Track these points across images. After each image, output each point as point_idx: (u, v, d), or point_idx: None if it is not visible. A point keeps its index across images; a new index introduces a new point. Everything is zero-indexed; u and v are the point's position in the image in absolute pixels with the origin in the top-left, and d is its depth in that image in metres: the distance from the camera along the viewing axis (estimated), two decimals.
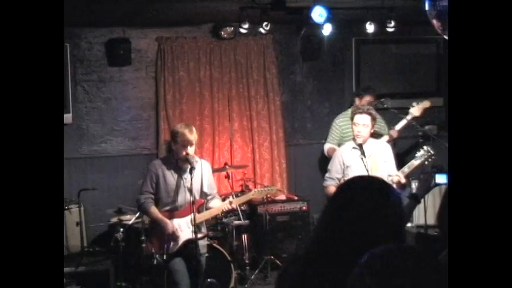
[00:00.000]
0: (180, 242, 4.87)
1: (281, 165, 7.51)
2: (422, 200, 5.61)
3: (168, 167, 4.92)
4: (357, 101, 6.58)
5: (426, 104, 6.14)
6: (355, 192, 1.96)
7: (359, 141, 5.12)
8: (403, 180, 4.98)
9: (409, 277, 1.59)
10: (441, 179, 3.42)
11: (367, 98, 6.50)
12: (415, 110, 6.09)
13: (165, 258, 4.84)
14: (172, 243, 4.88)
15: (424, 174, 3.62)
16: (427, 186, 3.47)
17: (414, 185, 6.66)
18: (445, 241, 2.06)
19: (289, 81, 7.72)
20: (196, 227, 4.82)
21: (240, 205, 6.03)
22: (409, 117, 6.11)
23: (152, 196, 4.93)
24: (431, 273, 1.57)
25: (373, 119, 5.13)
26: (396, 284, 1.64)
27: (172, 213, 4.91)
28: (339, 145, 6.36)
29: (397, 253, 1.62)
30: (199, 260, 4.93)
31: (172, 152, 5.03)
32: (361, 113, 5.13)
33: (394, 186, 5.05)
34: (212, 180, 5.14)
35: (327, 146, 6.59)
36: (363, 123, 5.08)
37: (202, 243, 5.03)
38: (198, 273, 4.94)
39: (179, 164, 4.89)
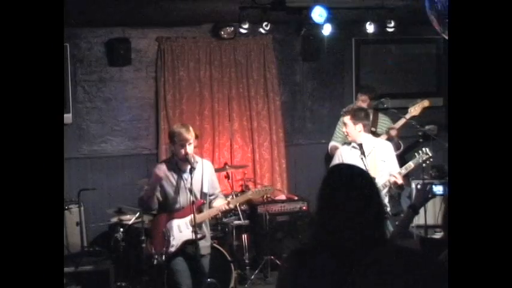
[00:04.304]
0: (180, 242, 4.86)
1: (281, 165, 7.50)
2: None
3: (169, 168, 4.90)
4: (357, 99, 6.65)
5: (425, 103, 6.23)
6: (339, 177, 2.19)
7: (349, 138, 5.27)
8: (399, 181, 5.02)
9: (407, 276, 1.63)
10: (439, 189, 3.42)
11: (362, 98, 6.55)
12: (414, 108, 6.18)
13: (164, 258, 4.82)
14: (171, 243, 4.85)
15: (422, 185, 3.63)
16: (426, 197, 3.48)
17: (414, 185, 6.67)
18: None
19: (289, 81, 7.72)
20: (198, 228, 4.81)
21: (240, 205, 6.03)
22: (407, 116, 6.19)
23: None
24: (429, 272, 1.61)
25: (353, 117, 5.21)
26: (395, 282, 1.68)
27: (173, 214, 4.89)
28: (343, 145, 6.40)
29: (398, 254, 1.66)
30: (199, 261, 4.90)
31: (172, 153, 5.02)
32: (343, 115, 5.42)
33: (392, 186, 5.08)
34: (215, 180, 5.10)
35: (330, 144, 6.61)
36: (345, 122, 5.28)
37: (205, 244, 4.99)
38: (200, 274, 4.91)
39: (179, 165, 4.88)
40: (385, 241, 2.12)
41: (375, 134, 6.07)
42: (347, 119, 5.23)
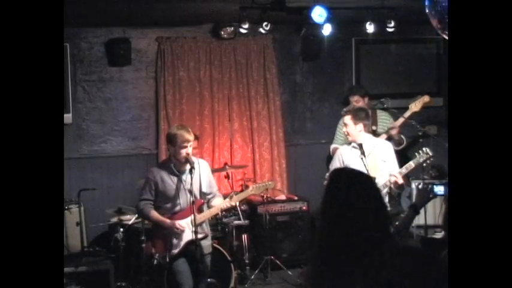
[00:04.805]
0: (182, 243, 4.86)
1: (281, 165, 7.50)
2: None
3: (167, 171, 4.87)
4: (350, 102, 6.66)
5: (426, 98, 6.25)
6: (340, 184, 2.24)
7: (350, 138, 5.27)
8: (400, 181, 5.02)
9: (411, 275, 1.66)
10: (440, 190, 3.43)
11: (355, 99, 6.53)
12: (415, 104, 6.21)
13: (168, 260, 4.81)
14: (174, 244, 4.85)
15: (423, 185, 3.64)
16: (426, 197, 3.48)
17: (414, 185, 6.68)
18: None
19: (289, 81, 7.72)
20: (199, 227, 4.81)
21: (239, 205, 6.02)
22: (408, 112, 6.21)
23: (151, 202, 4.91)
24: (431, 271, 1.62)
25: (354, 117, 5.21)
26: (400, 283, 1.71)
27: (174, 216, 4.88)
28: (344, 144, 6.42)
29: (401, 253, 1.68)
30: (204, 261, 4.91)
31: (169, 156, 4.99)
32: (343, 115, 5.43)
33: (392, 186, 5.08)
34: (211, 179, 5.11)
35: (332, 147, 6.62)
36: (345, 123, 5.30)
37: (207, 243, 5.00)
38: (203, 273, 4.91)
39: (177, 166, 4.86)
40: (390, 238, 2.13)
41: (375, 133, 6.06)
42: (348, 118, 5.23)
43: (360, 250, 2.02)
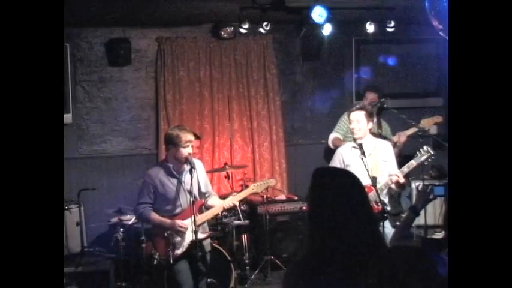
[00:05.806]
0: (186, 243, 4.84)
1: (281, 165, 7.50)
2: None
3: (166, 173, 4.85)
4: (365, 97, 6.65)
5: (438, 118, 6.27)
6: (323, 182, 2.35)
7: (358, 135, 5.16)
8: (402, 180, 5.00)
9: (410, 273, 1.66)
10: (441, 191, 3.42)
11: (371, 96, 6.53)
12: (428, 121, 6.21)
13: (172, 261, 4.79)
14: (178, 245, 4.83)
15: (423, 186, 3.61)
16: (426, 198, 3.47)
17: (414, 185, 6.68)
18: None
19: (289, 81, 7.72)
20: (201, 227, 4.82)
21: (240, 204, 6.01)
22: (420, 125, 6.21)
23: (151, 205, 4.87)
24: (429, 269, 1.63)
25: (368, 115, 5.15)
26: (397, 280, 1.71)
27: (175, 217, 4.87)
28: (344, 138, 6.40)
29: (400, 252, 1.69)
30: (205, 260, 4.91)
31: (166, 157, 4.97)
32: (354, 110, 5.25)
33: (393, 186, 5.06)
34: (206, 178, 5.10)
35: (332, 136, 6.59)
36: (357, 119, 5.16)
37: (206, 242, 5.02)
38: (203, 273, 4.91)
39: (176, 167, 4.84)
40: (381, 244, 2.12)
41: (381, 137, 6.03)
42: (362, 115, 5.13)
43: (350, 248, 2.02)
